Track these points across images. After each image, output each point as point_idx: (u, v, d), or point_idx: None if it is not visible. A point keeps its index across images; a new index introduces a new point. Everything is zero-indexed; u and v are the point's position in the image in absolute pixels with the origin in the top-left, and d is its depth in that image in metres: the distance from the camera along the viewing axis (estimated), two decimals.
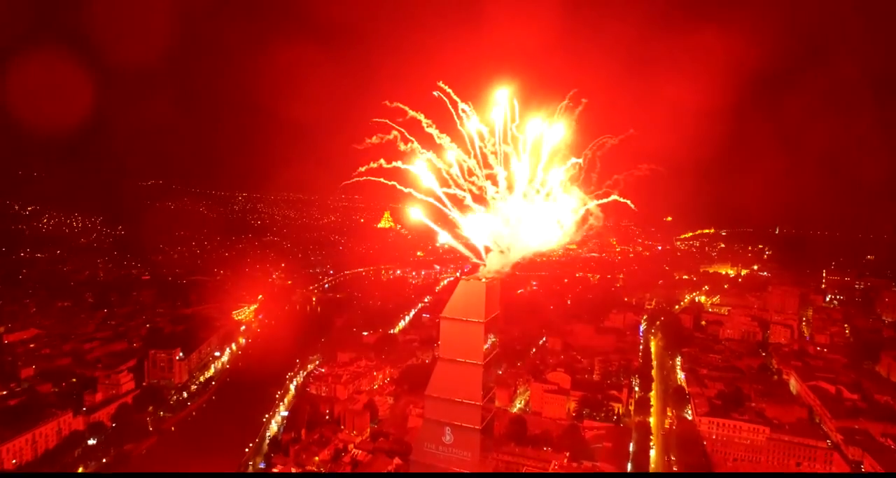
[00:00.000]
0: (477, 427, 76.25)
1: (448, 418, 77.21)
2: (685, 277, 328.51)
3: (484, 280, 74.93)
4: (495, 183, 65.86)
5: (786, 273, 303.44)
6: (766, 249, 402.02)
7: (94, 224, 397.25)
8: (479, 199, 67.29)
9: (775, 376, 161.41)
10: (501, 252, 70.09)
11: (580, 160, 60.98)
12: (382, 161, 64.01)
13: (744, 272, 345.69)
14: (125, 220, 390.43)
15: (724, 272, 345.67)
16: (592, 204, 61.68)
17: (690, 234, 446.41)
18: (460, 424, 76.63)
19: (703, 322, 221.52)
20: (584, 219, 63.27)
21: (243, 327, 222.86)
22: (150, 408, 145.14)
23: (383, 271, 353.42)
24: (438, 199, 66.98)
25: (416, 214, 69.33)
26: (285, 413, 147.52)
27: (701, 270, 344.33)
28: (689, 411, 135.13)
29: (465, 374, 76.27)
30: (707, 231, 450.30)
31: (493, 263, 74.32)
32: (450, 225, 70.17)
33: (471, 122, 63.96)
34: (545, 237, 66.04)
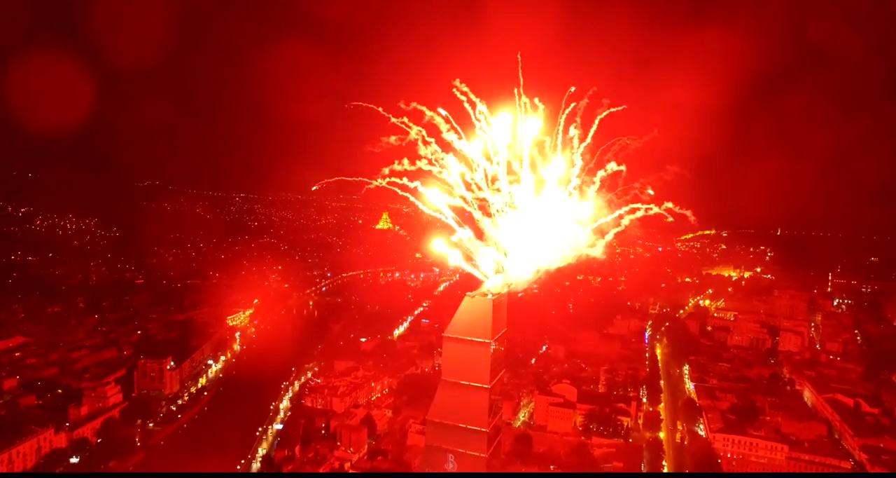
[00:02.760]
0: (483, 455, 70.81)
1: (451, 445, 71.58)
2: (688, 279, 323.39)
3: (490, 296, 69.24)
4: (520, 189, 60.37)
5: (790, 276, 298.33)
6: (768, 250, 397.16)
7: (88, 226, 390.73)
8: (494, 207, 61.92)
9: (788, 387, 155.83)
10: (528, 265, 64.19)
11: (622, 167, 55.45)
12: (406, 161, 58.16)
13: (746, 275, 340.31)
14: (120, 221, 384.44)
15: (726, 275, 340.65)
16: (628, 210, 56.11)
17: (691, 235, 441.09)
18: (465, 451, 71.07)
19: (709, 328, 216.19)
20: (625, 228, 57.76)
21: (238, 333, 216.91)
22: (139, 421, 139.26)
23: (382, 274, 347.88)
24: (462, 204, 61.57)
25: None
26: (280, 426, 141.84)
27: (703, 273, 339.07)
28: (701, 426, 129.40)
29: (469, 397, 70.49)
30: (708, 232, 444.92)
31: (511, 277, 68.39)
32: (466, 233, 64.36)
33: (489, 123, 58.52)
34: (580, 246, 60.27)
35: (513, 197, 61.46)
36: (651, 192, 54.83)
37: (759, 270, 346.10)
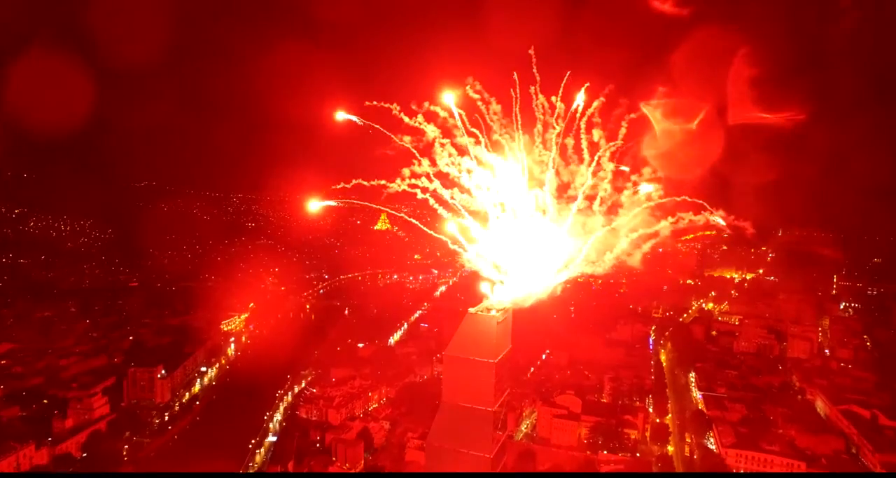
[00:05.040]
0: None
1: (453, 469, 67.08)
2: (689, 281, 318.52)
3: (494, 312, 64.38)
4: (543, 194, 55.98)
5: (793, 278, 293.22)
6: (770, 251, 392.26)
7: (82, 227, 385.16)
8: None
9: (799, 396, 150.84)
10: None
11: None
12: (427, 163, 53.75)
13: (749, 276, 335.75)
14: (115, 222, 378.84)
15: (728, 276, 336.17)
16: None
17: (692, 235, 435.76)
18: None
19: (714, 333, 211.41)
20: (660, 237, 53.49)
21: (232, 339, 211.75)
22: (127, 434, 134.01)
23: (380, 276, 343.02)
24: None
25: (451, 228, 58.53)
26: (273, 438, 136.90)
27: (705, 275, 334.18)
28: (712, 440, 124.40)
29: (472, 420, 65.63)
30: (708, 233, 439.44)
31: (530, 285, 63.59)
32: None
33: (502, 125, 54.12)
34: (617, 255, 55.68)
35: (536, 202, 56.98)
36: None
37: (761, 271, 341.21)
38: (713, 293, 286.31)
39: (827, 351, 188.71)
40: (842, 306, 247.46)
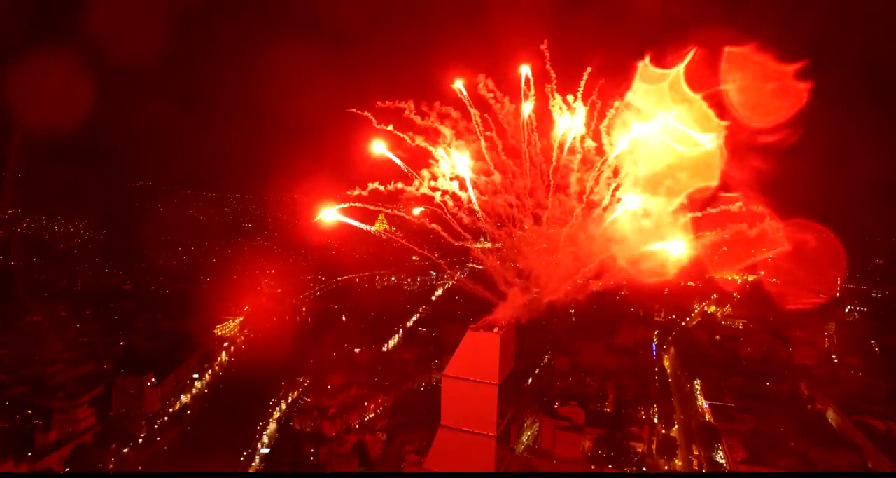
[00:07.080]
0: None
1: None
2: (690, 283, 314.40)
3: (496, 329, 59.95)
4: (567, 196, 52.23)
5: (795, 280, 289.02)
6: (770, 252, 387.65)
7: (76, 228, 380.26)
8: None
9: (809, 406, 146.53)
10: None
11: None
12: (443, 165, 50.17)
13: (750, 278, 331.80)
14: (110, 223, 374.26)
15: (729, 278, 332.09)
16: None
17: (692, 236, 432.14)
18: None
19: (718, 337, 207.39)
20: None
21: (226, 344, 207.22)
22: (113, 446, 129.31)
23: (377, 278, 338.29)
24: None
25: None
26: (266, 451, 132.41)
27: (706, 276, 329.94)
28: (721, 453, 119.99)
29: (473, 447, 61.22)
30: (707, 233, 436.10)
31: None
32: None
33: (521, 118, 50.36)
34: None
35: (560, 206, 53.18)
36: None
37: (762, 273, 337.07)
38: (715, 295, 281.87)
39: (835, 357, 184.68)
40: (847, 310, 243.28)
